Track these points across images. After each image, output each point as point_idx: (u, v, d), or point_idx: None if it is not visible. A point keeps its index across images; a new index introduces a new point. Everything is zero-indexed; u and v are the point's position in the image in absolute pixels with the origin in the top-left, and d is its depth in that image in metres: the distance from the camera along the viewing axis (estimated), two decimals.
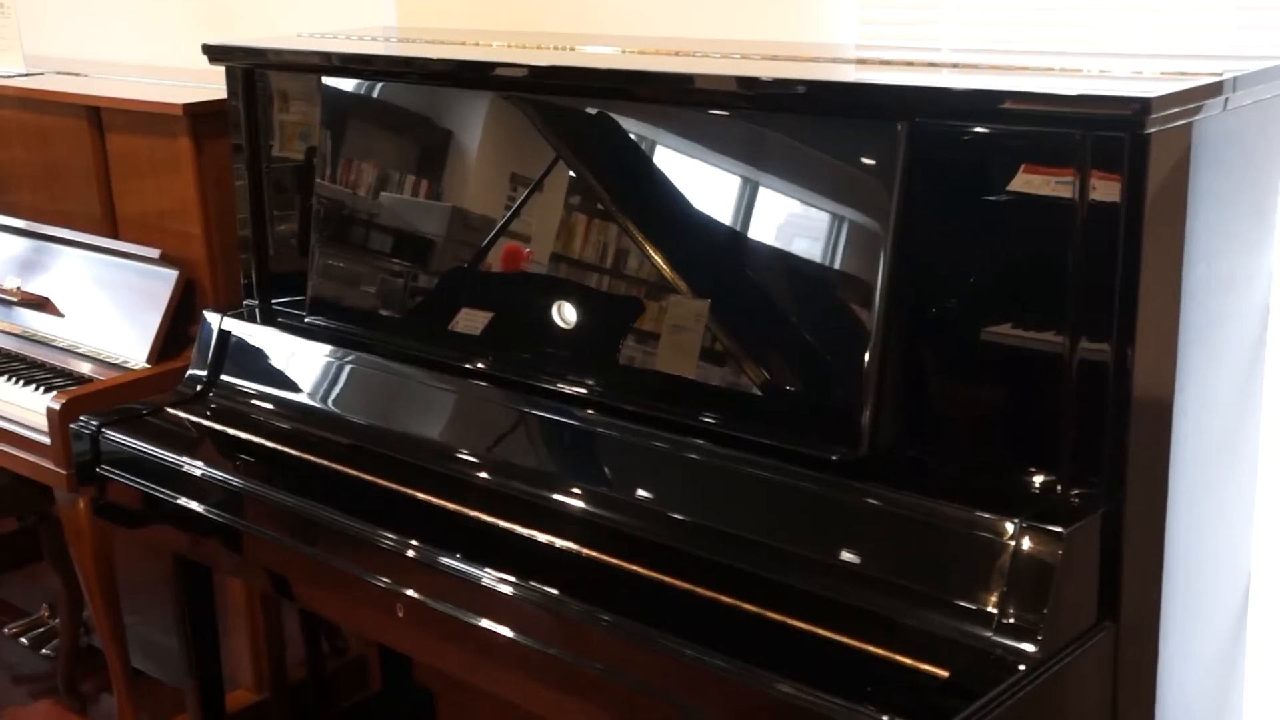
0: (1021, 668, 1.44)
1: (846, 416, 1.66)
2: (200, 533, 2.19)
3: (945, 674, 1.45)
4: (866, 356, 1.64)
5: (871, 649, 1.51)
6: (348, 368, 2.23)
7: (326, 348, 2.26)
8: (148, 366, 2.59)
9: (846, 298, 1.67)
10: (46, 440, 2.45)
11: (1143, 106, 1.45)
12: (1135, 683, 1.62)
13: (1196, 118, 1.54)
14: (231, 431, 2.27)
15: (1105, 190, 1.50)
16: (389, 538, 1.86)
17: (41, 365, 2.71)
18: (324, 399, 2.25)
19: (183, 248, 2.63)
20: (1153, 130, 1.46)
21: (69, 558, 2.63)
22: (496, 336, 2.04)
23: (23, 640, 3.12)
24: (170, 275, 2.62)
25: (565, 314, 1.96)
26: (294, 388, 2.29)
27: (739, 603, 1.62)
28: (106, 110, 2.72)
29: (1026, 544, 1.49)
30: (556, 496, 1.89)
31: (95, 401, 2.43)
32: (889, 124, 1.63)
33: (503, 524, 1.87)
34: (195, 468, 2.18)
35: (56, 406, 2.42)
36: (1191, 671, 1.74)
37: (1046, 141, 1.54)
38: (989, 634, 1.49)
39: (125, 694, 2.65)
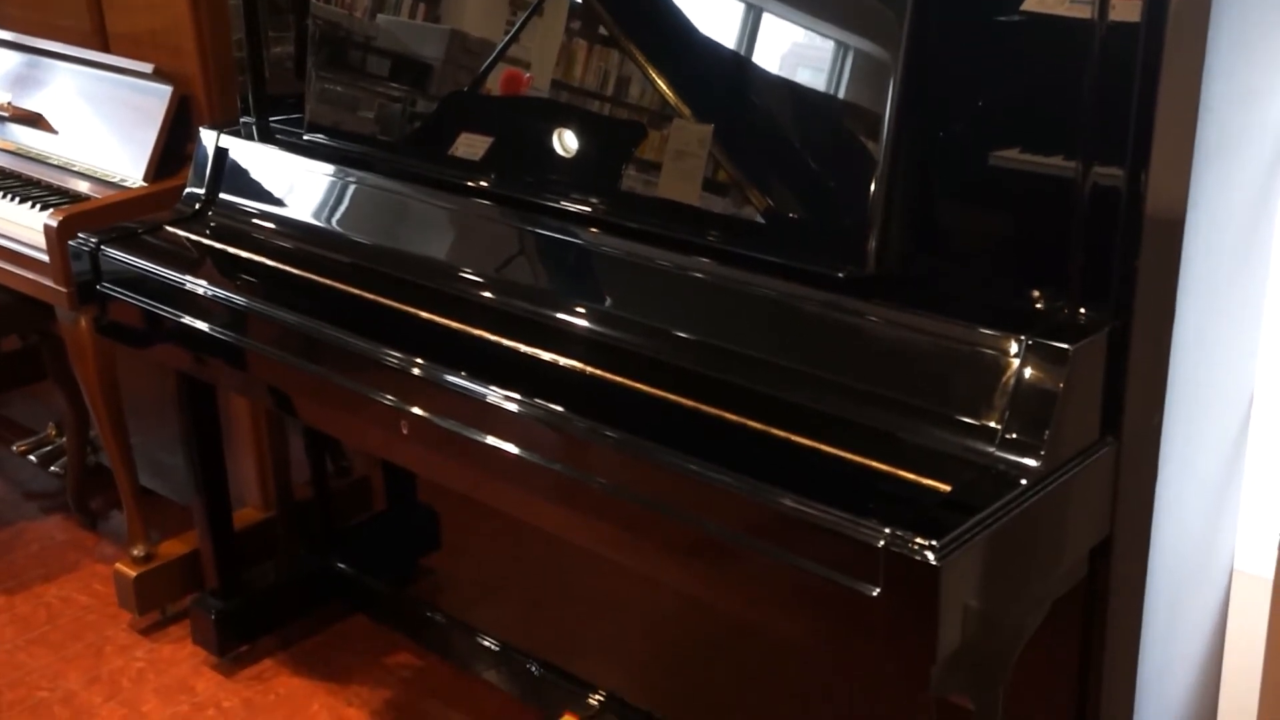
0: (1023, 482, 1.46)
1: (853, 235, 1.64)
2: (203, 351, 2.20)
3: (947, 488, 1.46)
4: (874, 175, 1.62)
5: (875, 464, 1.52)
6: (349, 186, 2.20)
7: (327, 166, 2.23)
8: (145, 185, 2.56)
9: (854, 118, 1.64)
10: (45, 258, 2.44)
11: None
12: (1134, 500, 1.64)
13: None
14: (232, 250, 2.26)
15: (1125, 9, 1.46)
16: (394, 356, 1.86)
17: (37, 183, 2.68)
18: (325, 218, 2.22)
19: (176, 64, 2.57)
20: None
21: (73, 377, 2.64)
22: (497, 161, 2.01)
23: (31, 458, 3.16)
24: (164, 91, 2.57)
25: (566, 140, 1.93)
26: (294, 206, 2.27)
27: (743, 419, 1.63)
28: None
29: (1032, 360, 1.49)
30: (560, 315, 1.89)
31: (93, 219, 2.41)
32: None
33: (507, 343, 1.87)
34: (197, 286, 2.17)
35: (54, 224, 2.40)
36: (1191, 490, 1.76)
37: None
38: (992, 449, 1.49)
39: (134, 511, 2.69)
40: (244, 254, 2.24)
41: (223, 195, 2.37)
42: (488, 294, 1.98)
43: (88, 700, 2.52)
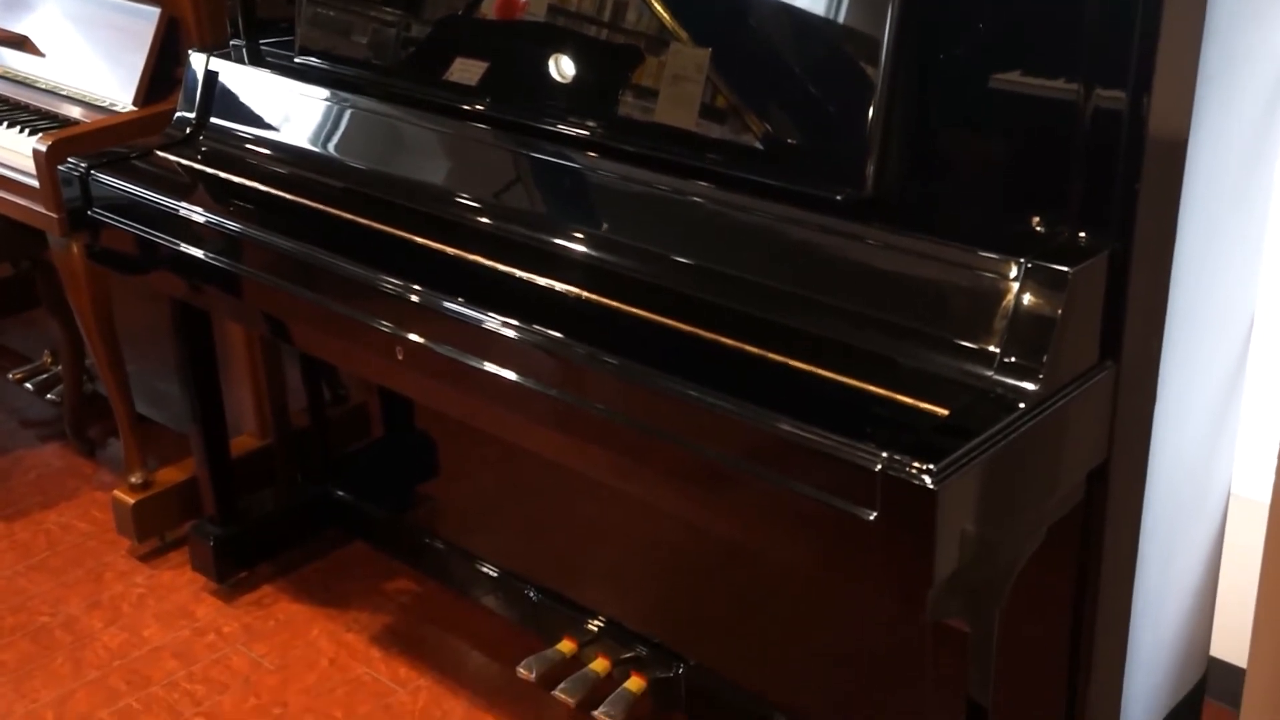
0: (1021, 406, 1.45)
1: (851, 158, 1.63)
2: (197, 278, 2.18)
3: (945, 412, 1.46)
4: (873, 98, 1.60)
5: (872, 388, 1.52)
6: (342, 110, 2.18)
7: (319, 89, 2.20)
8: (134, 109, 2.53)
9: (852, 42, 1.62)
10: (35, 183, 2.42)
11: None
12: (1133, 424, 1.64)
13: None
14: (224, 175, 2.24)
15: None
16: (392, 282, 1.85)
17: (25, 107, 2.65)
18: (318, 142, 2.20)
19: None
20: None
21: (67, 304, 2.63)
22: (493, 85, 1.99)
23: (27, 386, 3.16)
24: (153, 13, 2.53)
25: (563, 65, 1.90)
26: (286, 131, 2.24)
27: (741, 344, 1.62)
28: None
29: (1031, 283, 1.48)
30: (558, 241, 1.87)
31: (82, 144, 2.39)
32: None
33: (504, 268, 1.86)
34: (190, 212, 2.15)
35: (43, 148, 2.38)
36: (1189, 414, 1.75)
37: None
38: (990, 373, 1.49)
39: (131, 438, 2.69)
40: (236, 179, 2.22)
41: (214, 119, 2.34)
42: (484, 219, 1.96)
43: (89, 625, 2.54)
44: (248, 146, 2.28)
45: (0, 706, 2.34)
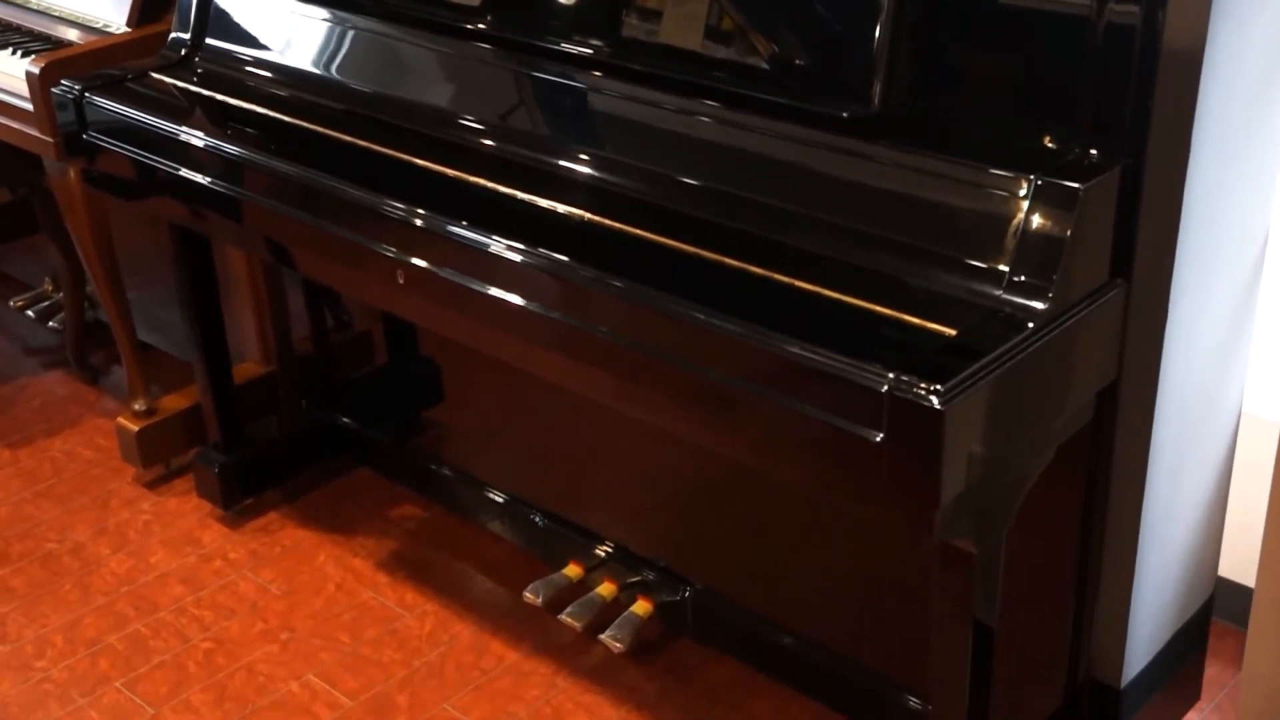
0: (1030, 325, 1.43)
1: (858, 74, 1.60)
2: (197, 203, 2.16)
3: (953, 332, 1.44)
4: (880, 13, 1.57)
5: (880, 309, 1.50)
6: (342, 31, 2.14)
7: (318, 9, 2.16)
8: (128, 30, 2.49)
9: None
10: (29, 106, 2.38)
11: None
12: (1143, 343, 1.62)
13: None
14: (221, 98, 2.20)
15: None
16: (396, 206, 1.83)
17: (17, 29, 2.61)
18: (317, 63, 2.17)
19: None
20: None
21: (66, 230, 2.61)
22: (497, 4, 1.95)
23: (29, 313, 3.15)
24: None
25: None
26: (284, 52, 2.21)
27: (747, 266, 1.60)
28: None
29: (1041, 200, 1.46)
30: (562, 162, 1.85)
31: (76, 66, 2.35)
32: None
33: (507, 190, 1.84)
34: (187, 135, 2.12)
35: (36, 70, 2.34)
36: (1200, 333, 1.73)
37: None
38: (999, 292, 1.47)
39: (134, 366, 2.68)
40: (234, 101, 2.18)
41: (209, 40, 2.30)
42: (488, 141, 1.93)
43: (96, 551, 2.54)
44: (245, 69, 2.25)
45: (11, 631, 2.35)
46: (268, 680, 2.23)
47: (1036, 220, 1.46)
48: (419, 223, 1.80)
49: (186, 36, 2.31)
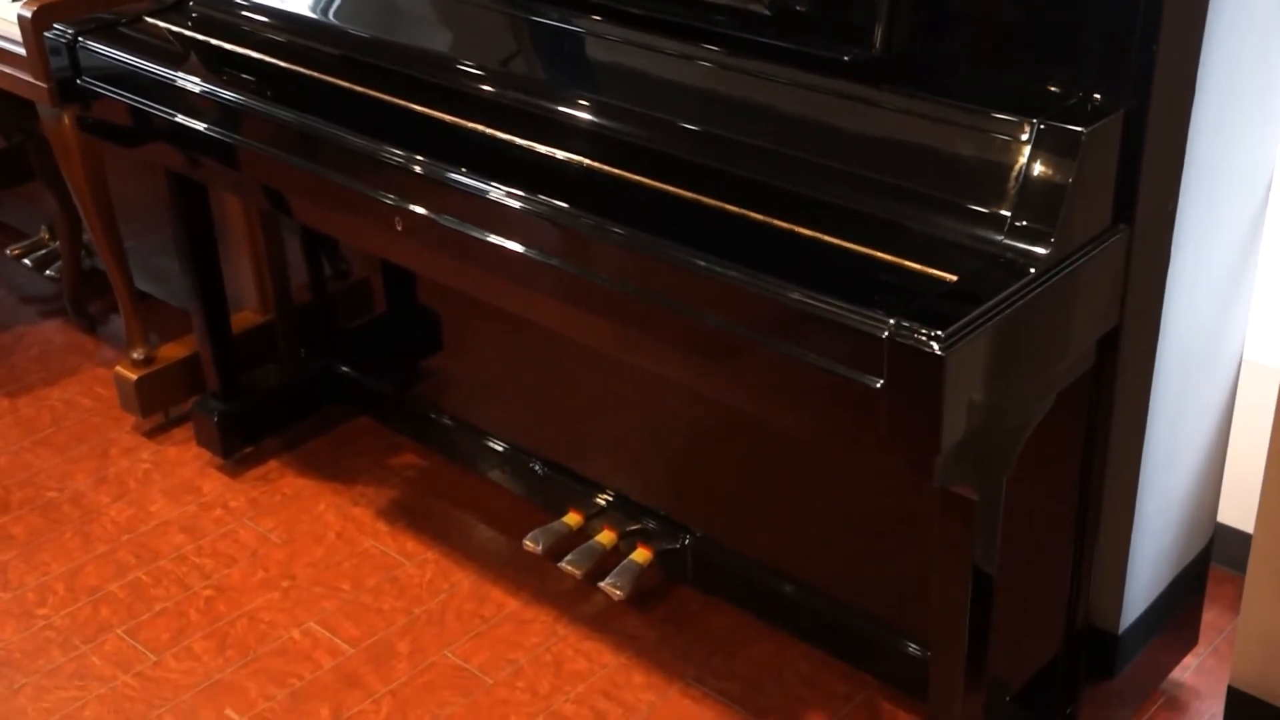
0: (1031, 271, 1.42)
1: (860, 16, 1.58)
2: (193, 150, 2.14)
3: (954, 278, 1.43)
4: None
5: (881, 255, 1.49)
6: None
7: None
8: None
9: None
10: (22, 51, 2.36)
11: None
12: (1145, 288, 1.61)
13: None
14: (216, 43, 2.18)
15: None
16: (395, 153, 1.81)
17: None
18: (314, 8, 2.14)
19: None
20: None
21: (62, 178, 2.59)
22: None
23: (26, 261, 3.14)
24: None
25: None
26: None
27: (747, 212, 1.59)
28: None
29: (1044, 145, 1.45)
30: (561, 108, 1.83)
31: (69, 9, 2.33)
32: None
33: (507, 137, 1.82)
34: (184, 81, 2.10)
35: (28, 14, 2.32)
36: (1203, 279, 1.72)
37: None
38: (1000, 238, 1.46)
39: (132, 314, 2.67)
40: (230, 46, 2.16)
41: None
42: (487, 87, 1.92)
43: (96, 500, 2.55)
44: (241, 13, 2.22)
45: (12, 578, 2.36)
46: (269, 628, 2.24)
47: (1039, 165, 1.45)
48: (417, 169, 1.79)
49: None
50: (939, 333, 1.32)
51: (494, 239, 1.72)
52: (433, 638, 2.21)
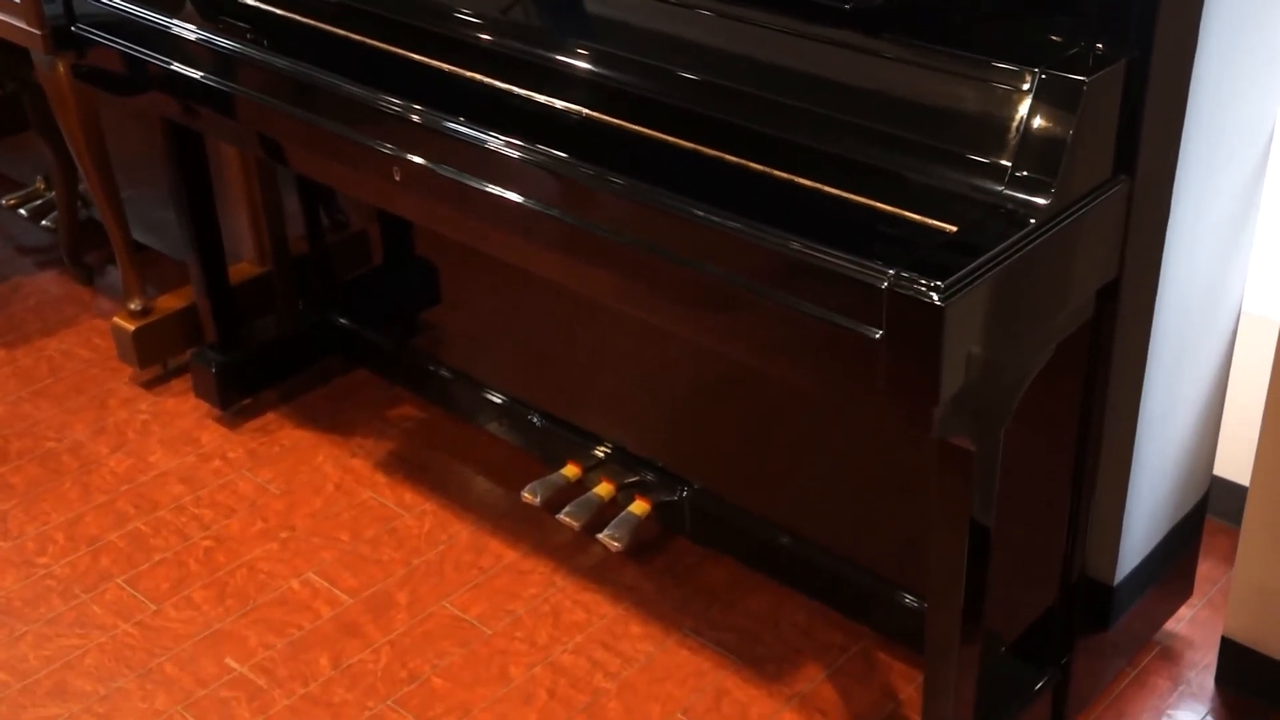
0: (1031, 221, 1.42)
1: None
2: (189, 98, 2.13)
3: (953, 229, 1.43)
4: None
5: (881, 206, 1.49)
6: None
7: None
8: None
9: None
10: None
11: None
12: (1145, 240, 1.61)
13: None
14: None
15: None
16: (393, 102, 1.80)
17: None
18: None
19: None
20: None
21: (57, 127, 2.57)
22: None
23: (21, 212, 3.12)
24: None
25: None
26: None
27: (747, 162, 1.59)
28: None
29: (1045, 94, 1.44)
30: (560, 57, 1.82)
31: None
32: None
33: (505, 86, 1.81)
34: (179, 29, 2.09)
35: None
36: (1203, 231, 1.72)
37: None
38: (1000, 188, 1.45)
39: (128, 265, 2.66)
40: None
41: None
42: (485, 35, 1.90)
43: (95, 450, 2.55)
44: None
45: (12, 528, 2.37)
46: (268, 578, 2.25)
47: (1040, 115, 1.44)
48: (415, 119, 1.78)
49: None
50: (939, 283, 1.32)
51: (492, 189, 1.71)
52: (431, 588, 2.22)
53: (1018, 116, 1.45)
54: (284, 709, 2.01)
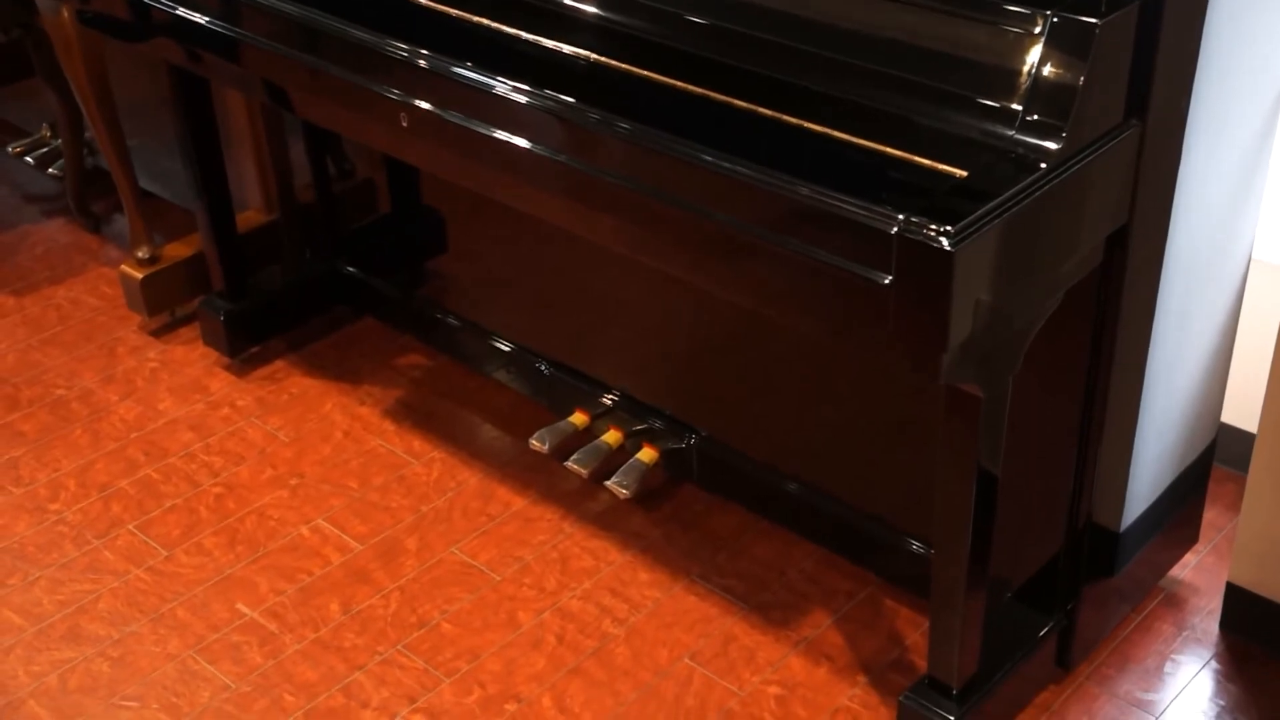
0: (1042, 166, 1.41)
1: None
2: (195, 43, 2.12)
3: (964, 174, 1.42)
4: None
5: (890, 151, 1.48)
6: None
7: None
8: None
9: None
10: None
11: None
12: (1156, 186, 1.60)
13: None
14: None
15: None
16: (399, 47, 1.79)
17: None
18: None
19: None
20: None
21: (62, 74, 2.56)
22: None
23: (28, 159, 3.11)
24: None
25: None
26: None
27: (756, 108, 1.58)
28: None
29: (1056, 37, 1.43)
30: (569, 2, 1.80)
31: None
32: None
33: (513, 31, 1.80)
34: None
35: None
36: (1213, 177, 1.71)
37: None
38: (1011, 133, 1.44)
39: (136, 213, 2.66)
40: None
41: None
42: None
43: (104, 398, 2.56)
44: None
45: (24, 474, 2.38)
46: (278, 524, 2.26)
47: (1051, 58, 1.43)
48: (422, 64, 1.77)
49: None
50: (948, 228, 1.31)
51: (500, 135, 1.70)
52: (440, 535, 2.23)
53: (1029, 60, 1.44)
54: (295, 653, 2.03)
